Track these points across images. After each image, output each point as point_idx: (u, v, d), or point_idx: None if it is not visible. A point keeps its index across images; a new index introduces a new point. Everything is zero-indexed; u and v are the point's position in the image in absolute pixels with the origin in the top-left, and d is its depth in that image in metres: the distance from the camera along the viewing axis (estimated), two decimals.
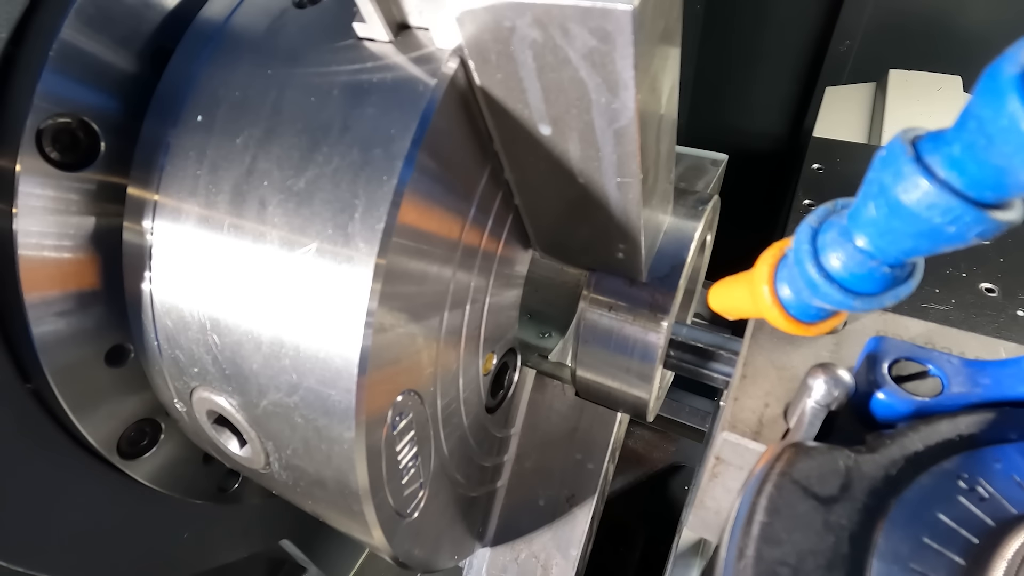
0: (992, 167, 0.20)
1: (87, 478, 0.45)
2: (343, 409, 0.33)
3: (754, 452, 0.38)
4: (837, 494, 0.28)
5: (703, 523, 0.44)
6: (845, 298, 0.28)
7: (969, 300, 0.88)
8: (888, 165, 0.23)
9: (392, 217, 0.31)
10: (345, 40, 0.34)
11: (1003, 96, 0.18)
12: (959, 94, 1.41)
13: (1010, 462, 0.29)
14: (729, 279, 0.39)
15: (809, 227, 0.30)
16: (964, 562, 0.26)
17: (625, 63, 0.28)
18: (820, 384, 0.33)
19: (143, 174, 0.38)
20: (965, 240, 0.23)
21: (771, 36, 1.95)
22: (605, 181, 0.36)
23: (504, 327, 0.49)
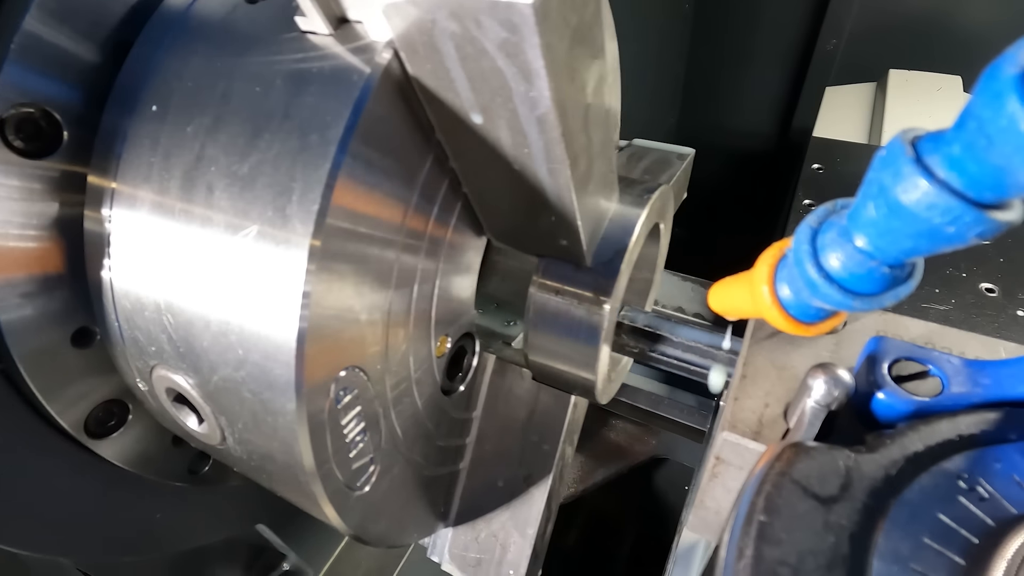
0: (992, 167, 0.20)
1: (58, 458, 0.46)
2: (284, 382, 0.34)
3: (754, 452, 0.38)
4: (837, 494, 0.28)
5: (703, 523, 0.44)
6: (845, 298, 0.28)
7: (969, 300, 0.88)
8: (888, 165, 0.23)
9: (326, 199, 0.32)
10: (290, 33, 0.36)
11: (1003, 96, 0.18)
12: (959, 94, 1.41)
13: (1010, 462, 0.29)
14: (729, 279, 0.39)
15: (809, 227, 0.30)
16: (964, 562, 0.26)
17: (534, 53, 0.30)
18: (820, 384, 0.33)
19: (102, 162, 0.39)
20: (965, 240, 0.23)
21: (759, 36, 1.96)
22: (537, 167, 0.38)
23: (458, 311, 0.51)
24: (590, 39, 0.35)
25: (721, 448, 0.39)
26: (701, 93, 2.09)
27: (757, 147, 2.14)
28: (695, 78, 2.07)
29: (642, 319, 0.59)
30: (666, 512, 1.52)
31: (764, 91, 2.00)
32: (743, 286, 0.37)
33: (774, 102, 2.00)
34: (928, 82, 1.45)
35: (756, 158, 2.16)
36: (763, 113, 2.05)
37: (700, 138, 2.15)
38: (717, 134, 2.17)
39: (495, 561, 0.60)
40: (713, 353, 0.56)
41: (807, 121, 1.94)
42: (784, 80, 1.94)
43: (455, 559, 0.61)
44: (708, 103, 2.12)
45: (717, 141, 2.18)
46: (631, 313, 0.61)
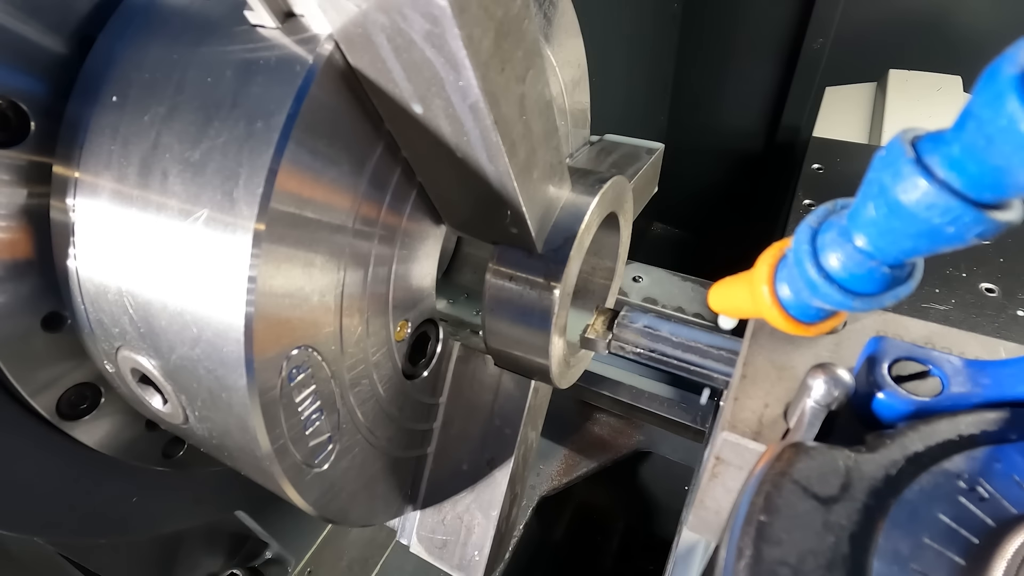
0: (991, 167, 0.20)
1: (34, 439, 0.47)
2: (235, 359, 0.36)
3: (754, 452, 0.38)
4: (837, 494, 0.28)
5: (703, 523, 0.44)
6: (845, 298, 0.28)
7: (969, 300, 0.88)
8: (888, 165, 0.23)
9: (270, 184, 0.33)
10: (242, 26, 0.37)
11: (1003, 96, 0.18)
12: (959, 94, 1.41)
13: (1010, 462, 0.29)
14: (729, 279, 0.39)
15: (809, 227, 0.30)
16: (964, 562, 0.26)
17: (457, 44, 0.31)
18: (820, 384, 0.33)
19: (66, 152, 0.41)
20: (964, 240, 0.23)
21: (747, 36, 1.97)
22: (477, 155, 0.39)
23: (416, 297, 0.52)
24: (519, 31, 0.36)
25: (721, 448, 0.39)
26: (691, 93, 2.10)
27: (747, 146, 2.14)
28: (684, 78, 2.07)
29: (642, 320, 0.59)
30: (651, 506, 1.53)
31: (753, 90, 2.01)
32: (743, 286, 0.37)
33: (763, 101, 2.01)
34: (928, 82, 1.45)
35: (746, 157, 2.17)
36: (752, 112, 2.06)
37: (691, 138, 2.16)
38: (708, 133, 2.18)
39: (460, 542, 0.61)
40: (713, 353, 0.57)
41: (796, 119, 1.94)
42: (773, 79, 1.95)
43: (422, 541, 0.62)
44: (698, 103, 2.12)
45: (708, 140, 2.18)
46: (631, 313, 0.61)
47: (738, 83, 2.04)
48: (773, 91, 1.97)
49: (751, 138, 2.11)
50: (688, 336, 0.58)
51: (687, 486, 1.04)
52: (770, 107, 2.01)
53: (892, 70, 1.51)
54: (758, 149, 2.12)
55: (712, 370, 0.57)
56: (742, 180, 2.24)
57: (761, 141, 2.10)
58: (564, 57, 0.65)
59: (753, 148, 2.13)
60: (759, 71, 1.96)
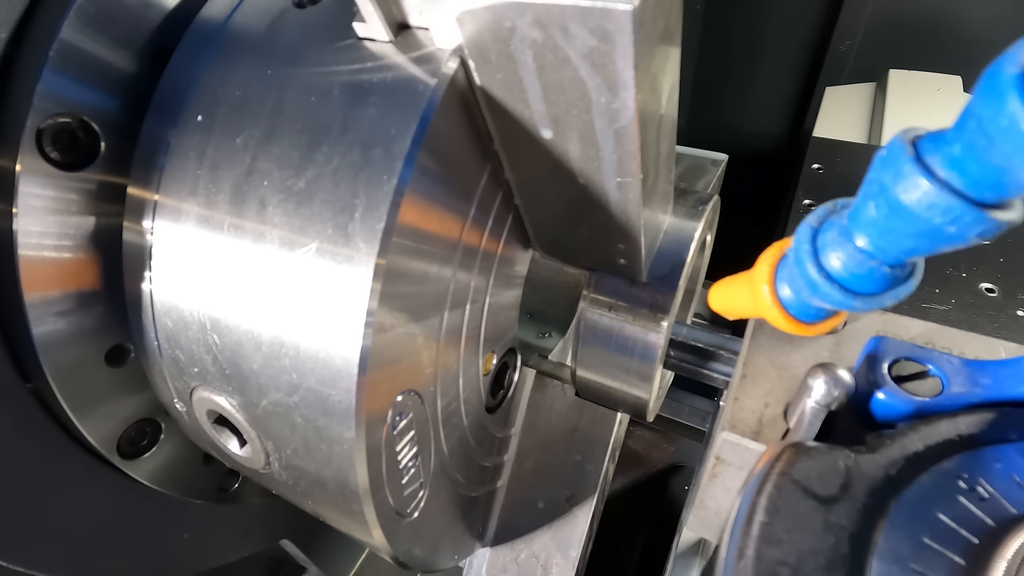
0: (992, 167, 0.20)
1: (87, 478, 0.45)
2: (343, 409, 0.33)
3: (754, 452, 0.38)
4: (837, 494, 0.28)
5: (703, 523, 0.44)
6: (845, 298, 0.28)
7: (969, 300, 0.88)
8: (888, 165, 0.23)
9: (392, 217, 0.31)
10: (345, 40, 0.34)
11: (1003, 96, 0.18)
12: (959, 94, 1.41)
13: (1010, 462, 0.29)
14: (729, 279, 0.39)
15: (809, 227, 0.30)
16: (964, 562, 0.26)
17: (625, 63, 0.28)
18: (820, 384, 0.33)
19: (143, 174, 0.38)
20: (965, 240, 0.23)
21: (771, 36, 1.95)
22: (605, 181, 0.36)
23: (504, 327, 0.50)
24: (671, 46, 0.33)
25: (721, 448, 0.39)
26: (711, 94, 2.09)
27: (767, 148, 2.13)
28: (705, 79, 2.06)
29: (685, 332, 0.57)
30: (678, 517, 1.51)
31: (775, 92, 2.00)
32: (743, 286, 0.37)
33: (785, 103, 2.00)
34: (928, 82, 1.44)
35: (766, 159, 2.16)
36: (774, 114, 2.04)
37: (709, 139, 2.15)
38: (726, 135, 2.16)
39: None
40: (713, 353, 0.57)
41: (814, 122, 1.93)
42: (795, 81, 1.94)
43: None
44: (718, 104, 2.11)
45: (726, 142, 2.17)
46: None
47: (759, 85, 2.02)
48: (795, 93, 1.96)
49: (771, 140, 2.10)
50: (688, 336, 0.57)
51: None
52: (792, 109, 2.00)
53: (892, 70, 1.51)
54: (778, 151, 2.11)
55: (712, 370, 0.57)
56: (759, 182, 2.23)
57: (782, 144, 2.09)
58: None
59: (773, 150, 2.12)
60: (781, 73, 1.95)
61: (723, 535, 0.30)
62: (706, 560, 0.69)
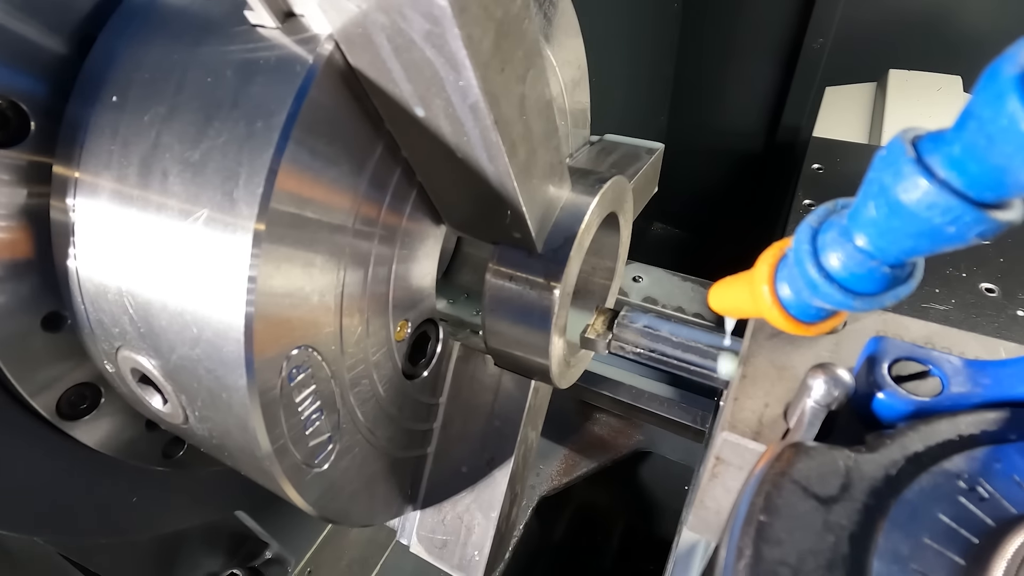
0: (992, 167, 0.20)
1: (33, 439, 0.47)
2: (235, 359, 0.36)
3: (754, 452, 0.38)
4: (837, 494, 0.28)
5: (703, 523, 0.44)
6: (845, 298, 0.28)
7: (969, 300, 0.88)
8: (888, 165, 0.23)
9: (270, 184, 0.33)
10: (242, 25, 0.37)
11: (1003, 96, 0.18)
12: (959, 94, 1.41)
13: (1010, 462, 0.29)
14: (729, 279, 0.39)
15: (809, 227, 0.30)
16: (964, 562, 0.26)
17: (457, 44, 0.31)
18: (820, 384, 0.33)
19: (66, 152, 0.40)
20: (965, 240, 0.23)
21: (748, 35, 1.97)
22: (477, 155, 0.39)
23: (417, 297, 0.52)
24: (519, 31, 0.36)
25: (721, 448, 0.39)
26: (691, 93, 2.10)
27: (747, 145, 2.14)
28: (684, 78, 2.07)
29: (643, 320, 0.59)
30: (652, 506, 1.53)
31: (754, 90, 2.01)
32: (743, 286, 0.37)
33: (763, 101, 2.01)
34: (928, 82, 1.45)
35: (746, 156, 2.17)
36: (752, 112, 2.06)
37: (691, 137, 2.16)
38: (707, 133, 2.18)
39: (460, 543, 0.61)
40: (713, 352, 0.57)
41: (796, 119, 1.95)
42: (773, 79, 1.95)
43: (423, 541, 0.62)
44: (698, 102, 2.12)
45: (708, 140, 2.18)
46: (631, 313, 0.61)
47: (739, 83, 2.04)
48: (773, 91, 1.97)
49: (751, 138, 2.12)
50: (688, 336, 0.58)
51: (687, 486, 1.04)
52: (770, 107, 2.01)
53: (892, 70, 1.51)
54: (758, 149, 2.12)
55: (712, 370, 0.57)
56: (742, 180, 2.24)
57: (761, 141, 2.10)
58: (564, 57, 0.65)
59: (753, 148, 2.13)
60: (760, 71, 1.96)
61: (723, 535, 0.30)
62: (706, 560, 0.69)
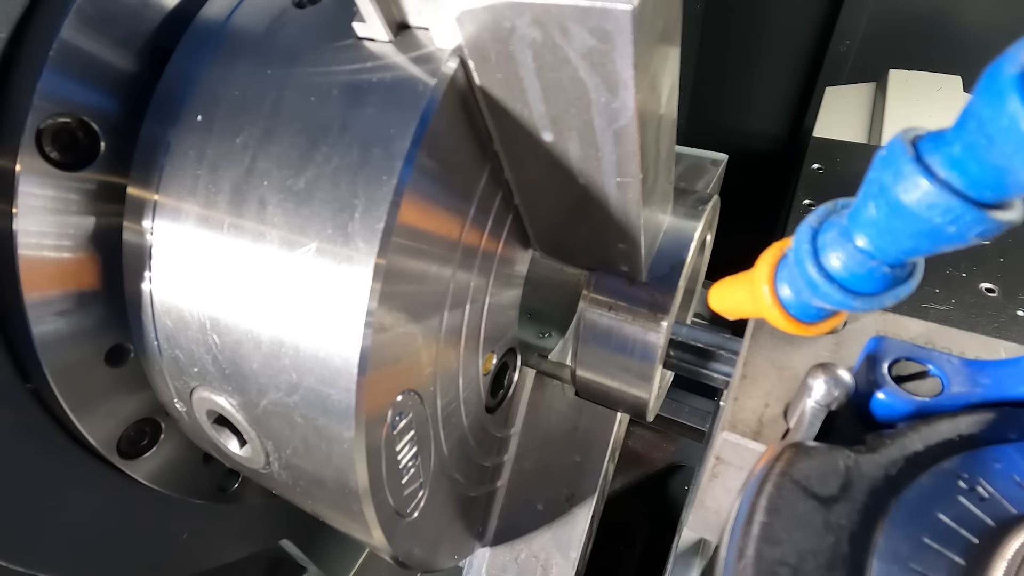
0: (992, 167, 0.20)
1: (87, 478, 0.45)
2: (343, 408, 0.33)
3: (754, 452, 0.38)
4: (837, 494, 0.28)
5: (703, 523, 0.44)
6: (845, 298, 0.28)
7: (969, 300, 0.88)
8: (888, 165, 0.23)
9: (392, 217, 0.31)
10: (345, 40, 0.34)
11: (1003, 96, 0.18)
12: (959, 94, 1.41)
13: (1010, 462, 0.29)
14: (729, 279, 0.39)
15: (809, 227, 0.30)
16: (964, 562, 0.26)
17: (624, 63, 0.28)
18: (820, 384, 0.33)
19: (143, 174, 0.38)
20: (965, 240, 0.23)
21: (771, 37, 1.96)
22: (605, 181, 0.36)
23: (504, 327, 0.50)
24: (670, 45, 0.33)
25: (721, 448, 0.39)
26: (711, 95, 2.09)
27: (767, 149, 2.13)
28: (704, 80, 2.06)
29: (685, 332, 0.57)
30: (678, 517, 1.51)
31: (774, 93, 2.00)
32: (743, 286, 0.37)
33: (784, 104, 2.00)
34: (928, 82, 1.44)
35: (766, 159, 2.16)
36: (773, 115, 2.04)
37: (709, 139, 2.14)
38: (726, 136, 2.16)
39: None
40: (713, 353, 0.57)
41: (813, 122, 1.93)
42: (794, 82, 1.94)
43: None
44: (718, 104, 2.11)
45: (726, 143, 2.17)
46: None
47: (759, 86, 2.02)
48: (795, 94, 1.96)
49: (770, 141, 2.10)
50: (688, 336, 0.57)
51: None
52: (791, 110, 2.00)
53: (892, 70, 1.51)
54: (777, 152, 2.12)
55: (712, 370, 0.57)
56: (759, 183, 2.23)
57: (781, 144, 2.09)
58: None
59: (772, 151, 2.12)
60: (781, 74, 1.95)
61: (723, 535, 0.30)
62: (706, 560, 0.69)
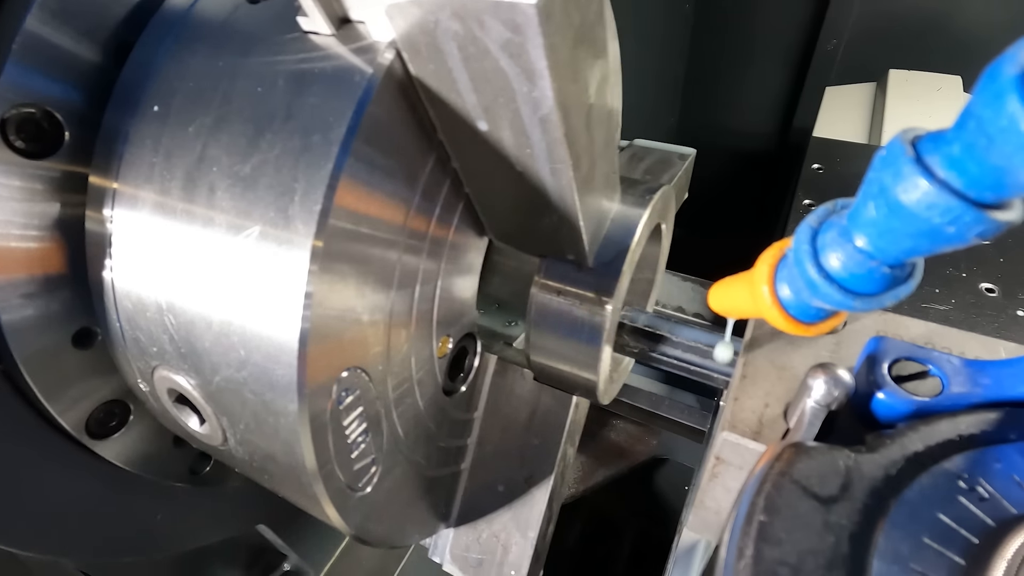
0: (992, 167, 0.20)
1: (60, 458, 0.46)
2: (286, 383, 0.34)
3: (754, 452, 0.38)
4: (837, 494, 0.28)
5: (703, 523, 0.44)
6: (845, 298, 0.28)
7: (969, 300, 0.88)
8: (888, 165, 0.23)
9: (328, 200, 0.32)
10: (292, 33, 0.36)
11: (1003, 96, 0.18)
12: (959, 94, 1.41)
13: (1010, 462, 0.29)
14: (729, 279, 0.39)
15: (809, 227, 0.30)
16: (964, 562, 0.26)
17: (537, 53, 0.30)
18: (820, 384, 0.33)
19: (103, 163, 0.39)
20: (965, 240, 0.23)
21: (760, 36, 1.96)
22: (539, 167, 0.38)
23: (459, 311, 0.51)
24: (592, 39, 0.35)
25: (721, 448, 0.39)
26: (701, 93, 2.10)
27: (758, 147, 2.14)
28: (695, 78, 2.07)
29: (642, 319, 0.59)
30: (666, 512, 1.53)
31: (765, 91, 2.01)
32: (743, 286, 0.37)
33: (775, 102, 2.01)
34: (928, 82, 1.45)
35: (757, 158, 2.16)
36: (763, 113, 2.05)
37: (700, 138, 2.16)
38: (717, 134, 2.17)
39: (496, 562, 0.60)
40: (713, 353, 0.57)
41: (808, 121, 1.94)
42: (785, 80, 1.95)
43: (456, 560, 0.61)
44: (708, 103, 2.12)
45: (717, 141, 2.18)
46: (631, 313, 0.61)
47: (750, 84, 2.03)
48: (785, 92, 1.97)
49: (761, 139, 2.11)
50: (688, 336, 0.57)
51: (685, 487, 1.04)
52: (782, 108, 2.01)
53: (892, 70, 1.51)
54: (768, 150, 2.12)
55: (712, 370, 0.57)
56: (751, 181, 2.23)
57: (772, 142, 2.10)
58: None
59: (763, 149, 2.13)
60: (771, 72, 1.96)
61: (723, 535, 0.30)
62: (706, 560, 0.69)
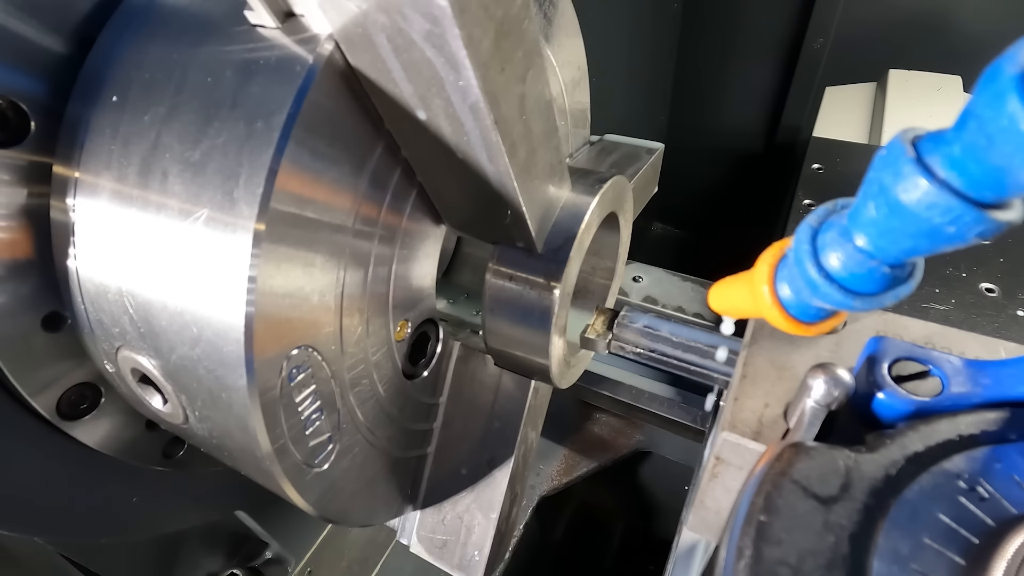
0: (992, 167, 0.20)
1: (33, 440, 0.47)
2: (235, 359, 0.36)
3: (754, 452, 0.38)
4: (837, 494, 0.28)
5: (703, 523, 0.44)
6: (845, 298, 0.28)
7: (969, 300, 0.88)
8: (888, 165, 0.23)
9: (270, 184, 0.33)
10: (242, 26, 0.37)
11: (1003, 96, 0.18)
12: (959, 94, 1.41)
13: (1010, 462, 0.29)
14: (729, 279, 0.39)
15: (809, 227, 0.30)
16: (964, 562, 0.26)
17: (457, 44, 0.32)
18: (820, 384, 0.33)
19: (66, 152, 0.41)
20: (965, 240, 0.23)
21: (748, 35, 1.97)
22: (477, 155, 0.39)
23: (417, 297, 0.52)
24: (519, 32, 0.36)
25: (721, 448, 0.39)
26: (691, 92, 2.10)
27: (747, 145, 2.15)
28: (685, 77, 2.07)
29: (642, 319, 0.59)
30: (652, 505, 1.54)
31: (753, 90, 2.01)
32: (743, 286, 0.37)
33: (763, 101, 2.01)
34: (928, 82, 1.44)
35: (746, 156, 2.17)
36: (752, 112, 2.06)
37: (691, 137, 2.16)
38: (707, 133, 2.18)
39: (460, 542, 0.61)
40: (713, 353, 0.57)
41: (796, 119, 1.95)
42: (773, 79, 1.95)
43: (423, 541, 0.63)
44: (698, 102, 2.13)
45: (709, 140, 2.19)
46: (631, 313, 0.61)
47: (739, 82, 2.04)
48: (773, 91, 1.98)
49: (751, 138, 2.12)
50: (688, 336, 0.58)
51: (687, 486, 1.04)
52: (771, 107, 2.01)
53: (892, 70, 1.51)
54: (758, 149, 2.13)
55: (712, 370, 0.57)
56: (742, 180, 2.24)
57: (761, 141, 2.10)
58: (564, 57, 0.65)
59: (753, 148, 2.14)
60: (760, 71, 1.97)
61: (723, 535, 0.30)
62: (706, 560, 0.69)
